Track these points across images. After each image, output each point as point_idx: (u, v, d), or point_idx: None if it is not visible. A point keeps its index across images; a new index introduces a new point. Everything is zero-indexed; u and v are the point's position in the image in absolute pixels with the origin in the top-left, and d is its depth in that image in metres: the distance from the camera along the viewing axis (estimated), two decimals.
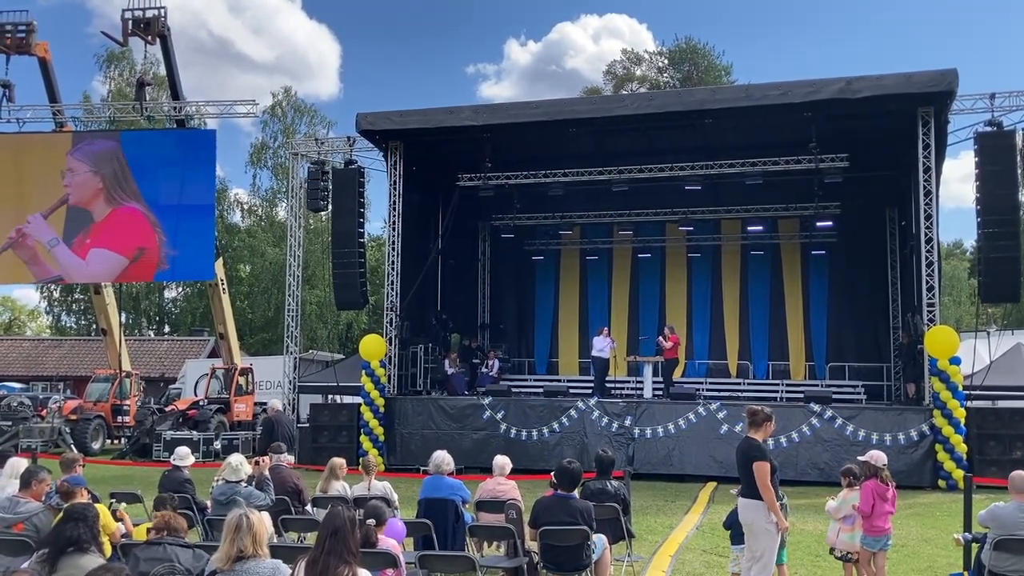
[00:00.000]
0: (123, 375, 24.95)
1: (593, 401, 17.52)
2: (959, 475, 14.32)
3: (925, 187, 16.31)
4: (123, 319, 30.74)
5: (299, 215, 21.88)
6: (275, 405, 15.40)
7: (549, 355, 24.64)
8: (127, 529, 7.29)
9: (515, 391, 19.69)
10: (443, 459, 8.30)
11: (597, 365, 19.99)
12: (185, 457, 9.43)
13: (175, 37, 21.56)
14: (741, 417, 10.67)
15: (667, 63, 48.22)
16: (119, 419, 24.36)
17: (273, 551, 4.71)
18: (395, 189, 19.43)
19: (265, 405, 16.98)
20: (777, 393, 20.90)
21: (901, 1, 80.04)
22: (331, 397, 20.83)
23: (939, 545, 10.01)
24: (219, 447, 20.49)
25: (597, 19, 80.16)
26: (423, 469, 12.20)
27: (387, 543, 5.76)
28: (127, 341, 29.60)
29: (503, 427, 17.60)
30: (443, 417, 18.10)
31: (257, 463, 9.00)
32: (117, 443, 24.16)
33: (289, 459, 10.36)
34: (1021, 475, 6.59)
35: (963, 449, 15.08)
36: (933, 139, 16.38)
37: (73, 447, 20.47)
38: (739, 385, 21.88)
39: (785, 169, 18.14)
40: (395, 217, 19.51)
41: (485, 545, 8.45)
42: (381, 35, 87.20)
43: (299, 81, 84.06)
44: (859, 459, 7.82)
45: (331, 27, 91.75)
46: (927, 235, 16.33)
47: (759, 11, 78.60)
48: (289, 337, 20.78)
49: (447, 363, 21.05)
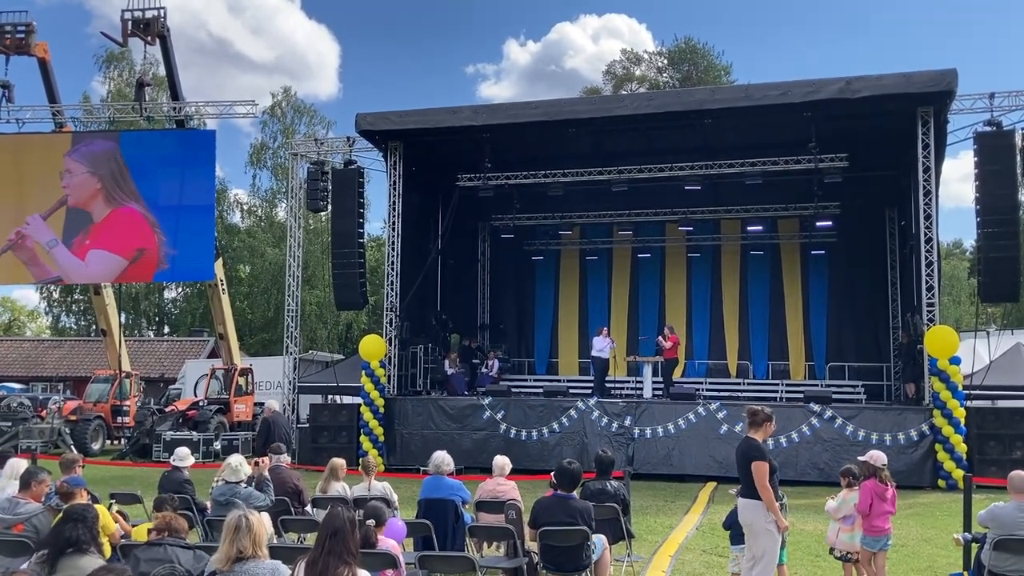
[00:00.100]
0: (123, 376, 24.95)
1: (593, 401, 17.52)
2: (959, 475, 14.31)
3: (925, 187, 16.32)
4: (123, 320, 30.75)
5: (299, 215, 21.86)
6: (272, 406, 15.35)
7: (549, 355, 24.64)
8: (125, 530, 7.29)
9: (515, 391, 19.70)
10: (443, 459, 8.30)
11: (597, 365, 19.99)
12: (185, 458, 9.43)
13: (174, 37, 21.66)
14: (741, 417, 10.68)
15: (667, 63, 48.21)
16: (119, 420, 24.35)
17: (273, 552, 4.71)
18: (395, 189, 19.44)
19: (264, 405, 16.97)
20: (777, 393, 20.90)
21: (901, 1, 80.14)
22: (331, 397, 20.82)
23: (939, 545, 10.01)
24: (219, 448, 20.45)
25: (596, 19, 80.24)
26: (423, 469, 12.22)
27: (387, 543, 5.75)
28: (127, 342, 29.58)
29: (503, 427, 17.61)
30: (443, 417, 18.10)
31: (257, 464, 8.99)
32: (117, 444, 24.16)
33: (287, 459, 10.34)
34: (1020, 475, 6.58)
35: (963, 449, 15.09)
36: (933, 139, 16.39)
37: (73, 448, 20.50)
38: (739, 385, 21.88)
39: (785, 169, 18.15)
40: (395, 217, 19.51)
41: (485, 545, 8.45)
42: (381, 35, 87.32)
43: (298, 81, 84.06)
44: (859, 459, 7.82)
45: (330, 27, 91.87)
46: (927, 235, 16.33)
47: (759, 11, 78.68)
48: (289, 337, 20.76)
49: (447, 363, 21.05)
